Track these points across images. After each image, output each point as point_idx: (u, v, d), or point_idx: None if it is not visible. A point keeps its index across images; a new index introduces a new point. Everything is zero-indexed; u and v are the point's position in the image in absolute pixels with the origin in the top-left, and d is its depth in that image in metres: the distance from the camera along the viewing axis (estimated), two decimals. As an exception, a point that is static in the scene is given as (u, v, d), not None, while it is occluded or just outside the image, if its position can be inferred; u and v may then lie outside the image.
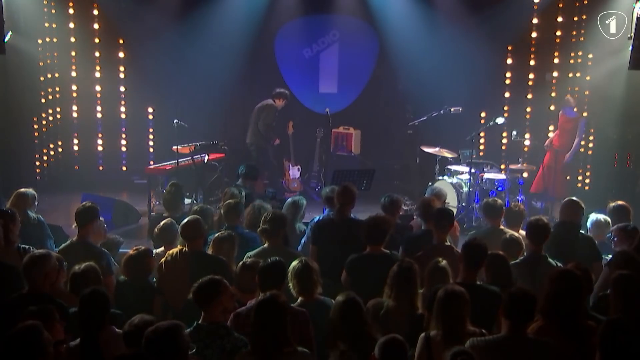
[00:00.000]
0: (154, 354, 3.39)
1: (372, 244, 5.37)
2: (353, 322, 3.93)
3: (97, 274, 4.70)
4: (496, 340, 3.77)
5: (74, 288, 4.60)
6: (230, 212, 6.22)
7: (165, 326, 3.46)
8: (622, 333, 3.42)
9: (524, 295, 3.82)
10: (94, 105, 11.99)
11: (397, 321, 4.37)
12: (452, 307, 3.87)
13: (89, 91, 11.89)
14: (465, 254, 4.64)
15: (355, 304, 4.01)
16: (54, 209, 9.61)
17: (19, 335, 3.40)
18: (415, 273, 4.57)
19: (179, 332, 3.46)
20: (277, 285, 4.38)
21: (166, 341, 3.39)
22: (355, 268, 5.31)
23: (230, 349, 3.95)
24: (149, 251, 5.28)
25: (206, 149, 9.49)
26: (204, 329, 4.03)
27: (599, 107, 10.84)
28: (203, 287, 4.12)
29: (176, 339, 3.41)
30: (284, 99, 10.57)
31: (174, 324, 3.51)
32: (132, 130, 12.23)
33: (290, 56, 12.14)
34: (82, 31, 11.48)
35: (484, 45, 10.89)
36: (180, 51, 11.48)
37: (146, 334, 3.44)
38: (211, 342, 3.97)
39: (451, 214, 5.93)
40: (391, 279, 4.55)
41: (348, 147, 11.51)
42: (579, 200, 6.30)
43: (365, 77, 12.19)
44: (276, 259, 4.57)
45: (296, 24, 12.06)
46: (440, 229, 5.66)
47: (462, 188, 9.53)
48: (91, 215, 5.72)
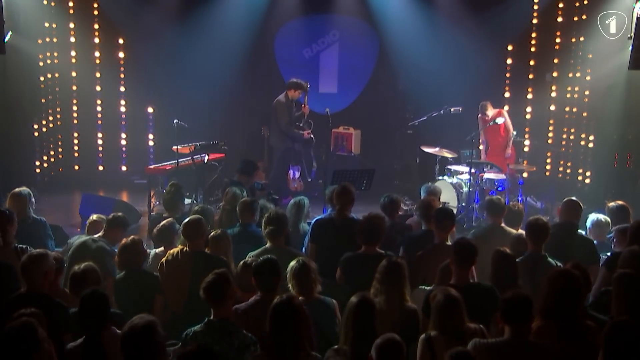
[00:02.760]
0: (131, 352, 3.41)
1: (367, 244, 5.38)
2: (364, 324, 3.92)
3: (96, 274, 4.70)
4: (498, 343, 3.77)
5: (73, 288, 4.61)
6: (246, 210, 6.18)
7: (141, 324, 3.46)
8: (627, 334, 3.41)
9: (518, 299, 3.81)
10: (94, 105, 12.01)
11: (388, 315, 4.38)
12: (449, 310, 3.89)
13: (89, 91, 11.90)
14: (456, 254, 4.65)
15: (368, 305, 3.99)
16: (54, 209, 9.61)
17: (14, 331, 3.40)
18: (404, 268, 4.58)
19: (155, 329, 3.46)
20: (272, 282, 4.40)
21: (142, 339, 3.40)
22: (349, 266, 5.33)
23: (239, 345, 3.96)
24: (140, 240, 5.30)
25: (206, 149, 9.49)
26: (215, 325, 4.03)
27: (599, 107, 10.84)
28: (215, 283, 4.09)
29: (152, 337, 3.42)
30: (295, 89, 9.96)
31: (149, 321, 3.51)
32: (132, 130, 12.24)
33: (290, 56, 12.13)
34: (82, 31, 11.49)
35: (484, 46, 10.91)
36: (180, 51, 11.49)
37: (122, 333, 3.46)
38: (220, 338, 3.98)
39: (452, 213, 5.93)
40: (381, 274, 4.54)
41: (348, 147, 11.50)
42: (578, 200, 6.32)
43: (365, 77, 12.20)
44: (268, 257, 4.58)
45: (296, 24, 12.06)
46: (441, 229, 5.67)
47: (462, 188, 9.53)
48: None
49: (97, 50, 11.74)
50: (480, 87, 11.21)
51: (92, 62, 11.77)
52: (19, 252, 5.28)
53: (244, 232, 6.07)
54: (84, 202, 9.43)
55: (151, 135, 12.16)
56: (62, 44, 11.39)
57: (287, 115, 9.92)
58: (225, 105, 11.92)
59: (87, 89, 11.87)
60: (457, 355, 3.36)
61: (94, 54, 11.74)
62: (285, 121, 9.88)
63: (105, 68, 11.83)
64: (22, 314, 3.73)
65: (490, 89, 11.61)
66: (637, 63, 8.27)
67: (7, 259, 5.08)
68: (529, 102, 11.74)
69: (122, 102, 12.09)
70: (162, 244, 5.93)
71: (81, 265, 4.70)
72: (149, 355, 3.46)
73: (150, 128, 12.18)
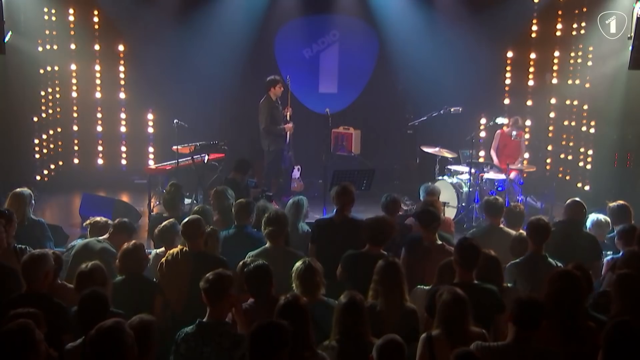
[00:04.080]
0: (96, 354, 3.37)
1: (373, 244, 5.38)
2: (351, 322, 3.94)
3: (103, 273, 4.68)
4: (500, 347, 3.76)
5: (80, 286, 4.59)
6: (241, 211, 6.16)
7: (107, 325, 3.41)
8: (627, 335, 3.40)
9: (532, 302, 3.80)
10: (94, 105, 12.00)
11: (388, 316, 4.39)
12: (456, 311, 3.88)
13: (88, 91, 11.90)
14: (460, 255, 4.64)
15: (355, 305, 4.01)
16: (54, 209, 9.61)
17: (12, 333, 3.39)
18: (400, 267, 4.59)
19: (122, 329, 3.40)
20: (264, 289, 4.40)
21: (109, 340, 3.34)
22: (351, 265, 5.34)
23: (228, 346, 3.94)
24: (142, 245, 5.28)
25: (206, 149, 9.49)
26: (206, 326, 4.02)
27: (599, 107, 10.84)
28: (214, 282, 4.07)
29: (119, 338, 3.36)
30: (274, 85, 10.03)
31: (116, 321, 3.45)
32: (132, 130, 12.23)
33: (290, 56, 12.13)
34: (82, 31, 11.49)
35: (484, 46, 10.91)
36: (180, 51, 11.49)
37: (89, 335, 3.41)
38: (210, 339, 3.96)
39: (434, 213, 5.87)
40: (378, 275, 4.55)
41: (348, 147, 11.50)
42: (582, 201, 6.35)
43: (365, 77, 12.20)
44: (260, 263, 4.55)
45: (296, 24, 12.06)
46: (430, 230, 5.66)
47: (462, 188, 9.53)
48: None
49: (97, 51, 11.72)
50: (480, 87, 11.22)
51: (92, 62, 11.76)
52: (18, 252, 5.27)
53: (239, 233, 6.05)
54: (84, 202, 9.43)
55: (151, 135, 12.15)
56: (62, 43, 11.38)
57: (267, 114, 9.97)
58: (225, 105, 11.92)
59: (87, 89, 11.86)
60: (462, 355, 3.35)
61: (94, 54, 11.73)
62: (268, 121, 9.96)
63: (105, 68, 11.83)
64: (20, 314, 3.73)
65: (490, 89, 11.64)
66: (637, 63, 8.27)
67: (6, 259, 5.07)
68: (529, 102, 11.73)
69: (122, 102, 12.07)
70: (163, 244, 5.92)
71: (88, 264, 4.67)
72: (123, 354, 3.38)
73: (151, 128, 12.17)
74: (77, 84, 11.85)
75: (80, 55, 11.66)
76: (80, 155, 12.18)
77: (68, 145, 12.07)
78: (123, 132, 12.21)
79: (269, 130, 10.04)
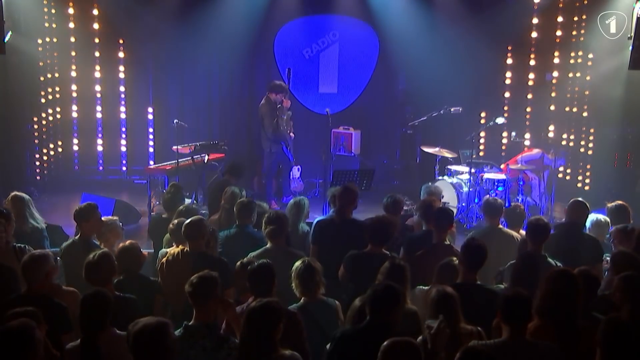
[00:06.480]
0: (141, 352, 3.40)
1: (375, 244, 5.38)
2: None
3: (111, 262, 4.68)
4: (496, 344, 3.76)
5: (89, 276, 4.60)
6: (243, 210, 6.12)
7: (152, 325, 3.44)
8: (624, 330, 3.40)
9: (518, 297, 3.81)
10: (94, 105, 12.00)
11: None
12: (443, 308, 3.87)
13: (89, 91, 11.89)
14: (466, 255, 4.64)
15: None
16: (54, 209, 9.60)
17: (12, 332, 3.39)
18: (407, 270, 4.58)
19: (167, 330, 3.45)
20: (267, 288, 4.36)
21: (153, 340, 3.38)
22: (353, 265, 5.33)
23: (212, 347, 3.91)
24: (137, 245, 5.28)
25: (206, 149, 9.49)
26: (191, 329, 3.99)
27: (599, 107, 10.84)
28: (198, 285, 4.04)
29: (163, 338, 3.41)
30: (277, 92, 9.98)
31: (161, 322, 3.49)
32: (132, 130, 12.22)
33: (290, 56, 12.13)
34: (82, 31, 11.47)
35: (484, 46, 10.90)
36: (180, 51, 11.49)
37: (133, 333, 3.43)
38: (195, 342, 3.93)
39: (451, 214, 5.93)
40: (383, 276, 4.53)
41: (348, 147, 11.50)
42: (585, 202, 6.31)
43: (365, 77, 12.19)
44: (263, 262, 4.53)
45: (296, 24, 12.06)
46: (440, 229, 5.67)
47: (462, 188, 9.53)
48: (86, 213, 5.76)
49: (97, 51, 11.72)
50: (480, 87, 11.22)
51: (92, 62, 11.76)
52: (18, 251, 5.27)
53: (241, 233, 6.03)
54: (84, 202, 9.39)
55: (151, 135, 12.14)
56: (62, 44, 11.37)
57: (271, 120, 9.91)
58: (225, 105, 11.92)
59: (87, 89, 11.86)
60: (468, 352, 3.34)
61: (94, 54, 11.72)
62: (272, 128, 9.89)
63: (105, 68, 11.82)
64: (19, 313, 3.73)
65: (490, 89, 11.63)
66: (637, 63, 8.27)
67: (6, 259, 5.06)
68: (529, 102, 11.74)
69: (122, 102, 12.07)
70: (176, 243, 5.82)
71: (96, 253, 4.68)
72: (159, 357, 3.44)
73: (150, 128, 12.17)
74: (77, 83, 11.83)
75: (80, 56, 11.64)
76: (80, 155, 12.16)
77: (68, 145, 12.06)
78: (123, 132, 12.21)
79: (274, 138, 9.96)
